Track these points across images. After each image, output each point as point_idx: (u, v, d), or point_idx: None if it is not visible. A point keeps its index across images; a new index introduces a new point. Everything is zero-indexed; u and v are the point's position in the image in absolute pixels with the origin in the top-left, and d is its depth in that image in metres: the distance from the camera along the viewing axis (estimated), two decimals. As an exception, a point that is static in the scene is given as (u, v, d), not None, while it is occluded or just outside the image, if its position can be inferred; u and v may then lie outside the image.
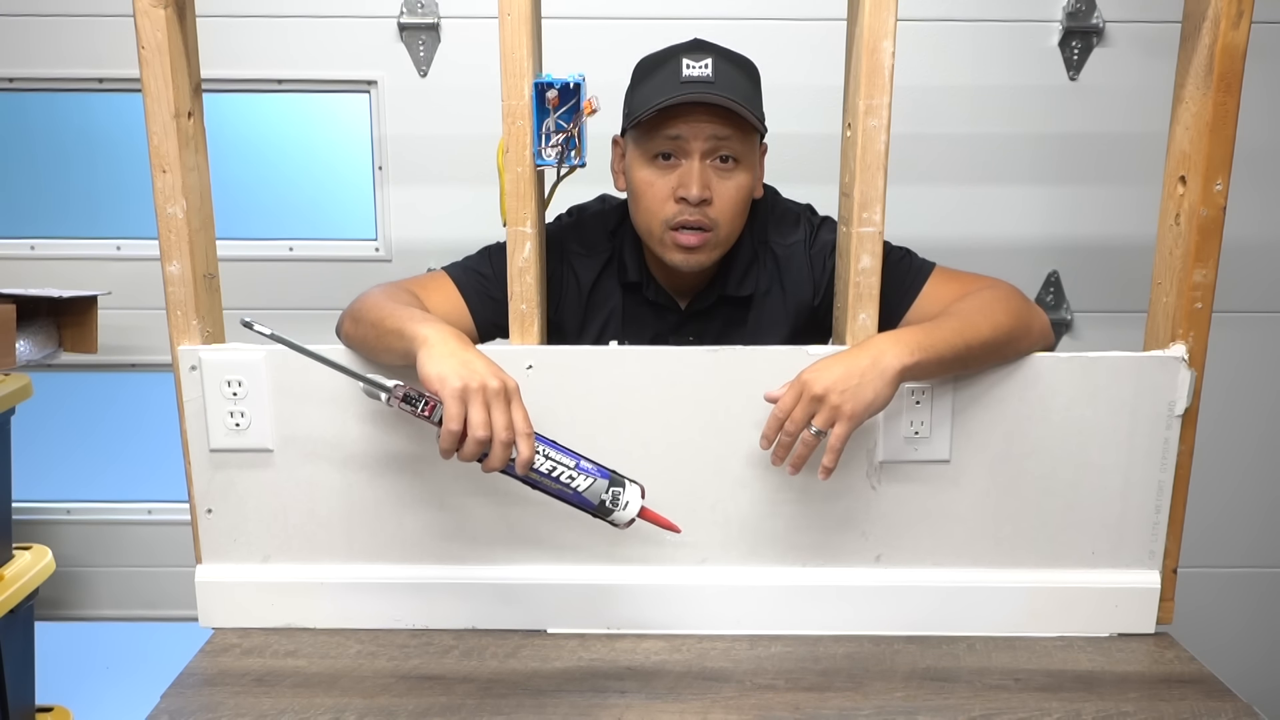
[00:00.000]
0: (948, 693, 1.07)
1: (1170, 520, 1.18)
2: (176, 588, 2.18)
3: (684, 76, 1.18)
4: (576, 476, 0.96)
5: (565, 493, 0.97)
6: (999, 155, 1.98)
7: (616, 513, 0.98)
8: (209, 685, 1.08)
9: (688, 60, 1.18)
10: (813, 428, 1.02)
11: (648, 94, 1.20)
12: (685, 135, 1.18)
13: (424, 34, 1.93)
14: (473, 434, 0.92)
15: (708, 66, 1.18)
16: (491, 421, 0.93)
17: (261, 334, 0.93)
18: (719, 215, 1.21)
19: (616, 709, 1.03)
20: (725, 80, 1.18)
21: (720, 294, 1.30)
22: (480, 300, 1.24)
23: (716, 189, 1.20)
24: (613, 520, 0.98)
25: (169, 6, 1.05)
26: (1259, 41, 1.21)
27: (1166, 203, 1.14)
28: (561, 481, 0.96)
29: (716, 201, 1.20)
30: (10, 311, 1.69)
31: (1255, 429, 2.13)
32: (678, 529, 1.01)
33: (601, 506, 0.97)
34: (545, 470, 0.96)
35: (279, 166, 2.06)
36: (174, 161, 1.08)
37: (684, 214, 1.20)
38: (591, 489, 0.97)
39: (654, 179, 1.21)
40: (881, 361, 1.02)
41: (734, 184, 1.21)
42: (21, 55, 1.95)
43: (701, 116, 1.17)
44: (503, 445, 0.93)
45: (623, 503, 0.97)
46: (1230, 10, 1.03)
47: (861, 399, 1.01)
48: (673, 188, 1.20)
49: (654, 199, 1.21)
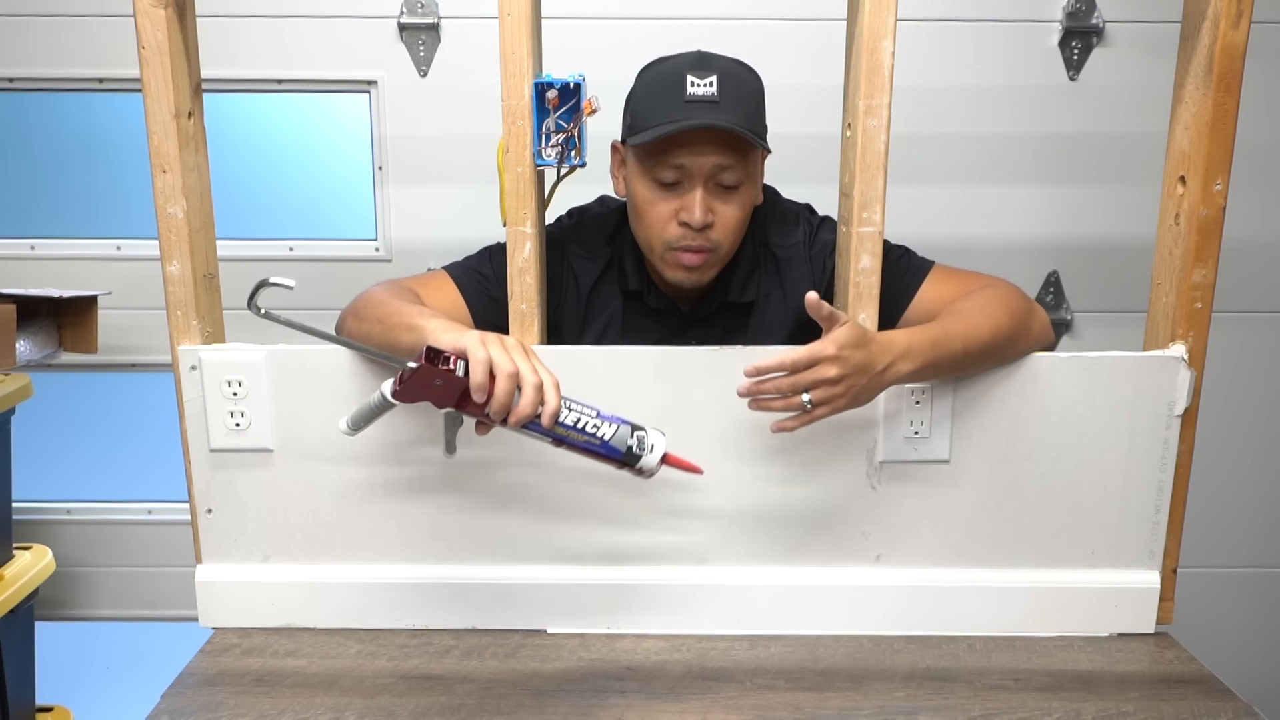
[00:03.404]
0: (948, 693, 1.07)
1: (1170, 520, 1.18)
2: (176, 588, 2.17)
3: (688, 95, 1.15)
4: (602, 425, 0.94)
5: (592, 444, 0.94)
6: (999, 155, 1.98)
7: (645, 458, 0.95)
8: (209, 685, 1.08)
9: (692, 77, 1.15)
10: (808, 397, 1.01)
11: (650, 110, 1.17)
12: (689, 165, 1.16)
13: (424, 34, 1.93)
14: (502, 369, 0.89)
15: (712, 85, 1.15)
16: (516, 362, 0.91)
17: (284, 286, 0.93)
18: (721, 236, 1.20)
19: (616, 709, 1.03)
20: (730, 99, 1.16)
21: (722, 300, 1.30)
22: (480, 300, 1.24)
23: (719, 211, 1.19)
24: (640, 468, 0.96)
25: (169, 6, 1.05)
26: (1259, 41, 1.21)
27: (1166, 203, 1.14)
28: (588, 432, 0.94)
29: (718, 224, 1.20)
30: (10, 311, 1.69)
31: (1255, 429, 2.13)
32: (700, 470, 0.99)
33: (629, 453, 0.95)
34: (571, 422, 0.93)
35: (279, 166, 2.06)
36: (174, 161, 1.08)
37: (686, 238, 1.19)
38: (617, 436, 0.94)
39: (656, 199, 1.20)
40: (890, 370, 1.03)
41: (736, 204, 1.20)
42: (21, 55, 1.94)
43: (705, 144, 1.15)
44: (534, 387, 0.90)
45: (648, 445, 0.95)
46: (1230, 10, 1.03)
47: (859, 400, 1.02)
48: (675, 209, 1.19)
49: (655, 219, 1.20)
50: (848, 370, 1.00)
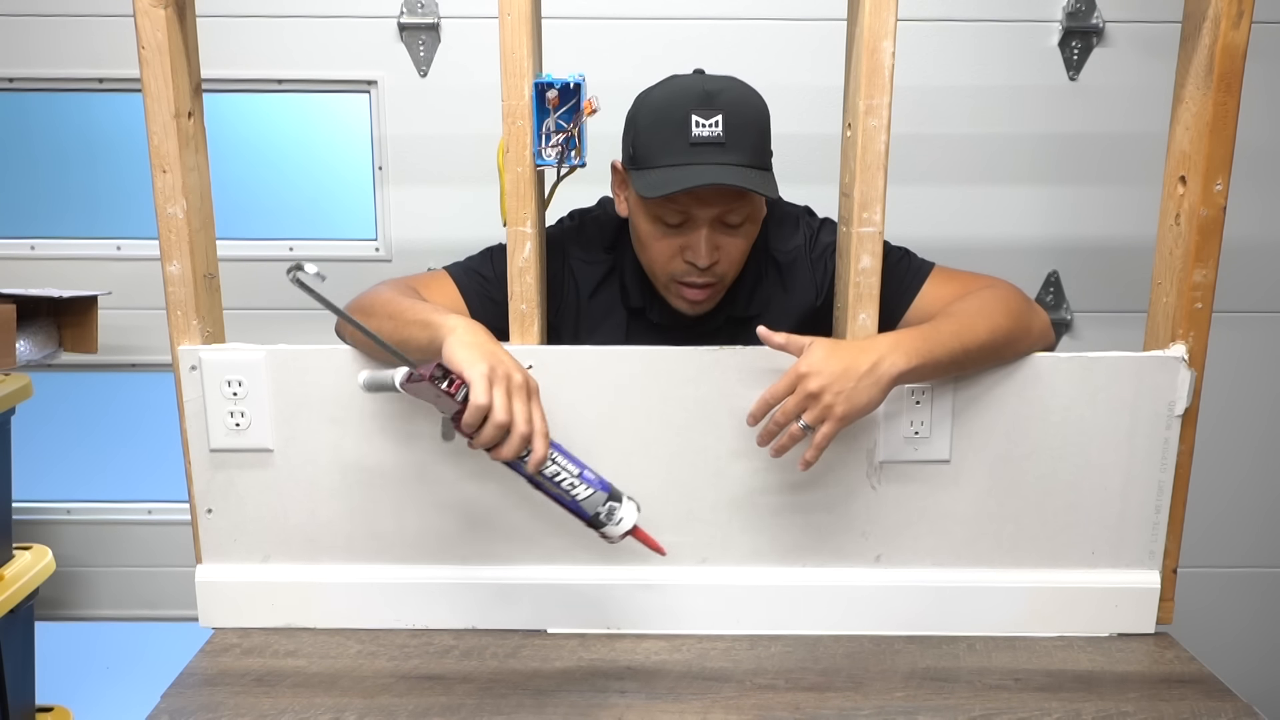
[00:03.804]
0: (948, 693, 1.07)
1: (1170, 520, 1.18)
2: (176, 588, 2.17)
3: (693, 137, 1.13)
4: (578, 485, 0.97)
5: (564, 498, 0.98)
6: (999, 155, 1.98)
7: (609, 527, 0.99)
8: (209, 685, 1.08)
9: (697, 117, 1.13)
10: (801, 421, 1.02)
11: (653, 149, 1.15)
12: (694, 212, 1.15)
13: (424, 34, 1.93)
14: (494, 417, 0.92)
15: (718, 125, 1.13)
16: (513, 410, 0.93)
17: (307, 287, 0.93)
18: (726, 269, 1.20)
19: (616, 709, 1.03)
20: (735, 138, 1.14)
21: (728, 315, 1.29)
22: (481, 302, 1.24)
23: (724, 246, 1.19)
24: (604, 533, 1.00)
25: (169, 6, 1.05)
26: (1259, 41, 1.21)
27: (1166, 203, 1.14)
28: (563, 487, 0.97)
29: (723, 259, 1.19)
30: (10, 311, 1.69)
31: (1255, 429, 2.13)
32: (664, 551, 1.01)
33: (595, 518, 0.98)
34: (550, 474, 0.97)
35: (279, 166, 2.06)
36: (174, 161, 1.08)
37: (691, 274, 1.19)
38: (590, 500, 0.97)
39: (660, 235, 1.19)
40: (880, 367, 1.02)
41: (741, 238, 1.20)
42: (21, 55, 1.95)
43: (712, 194, 1.13)
44: (521, 437, 0.93)
45: (616, 518, 0.98)
46: (1230, 10, 1.03)
47: (855, 403, 1.01)
48: (679, 247, 1.18)
49: (659, 253, 1.20)
50: (827, 380, 1.00)
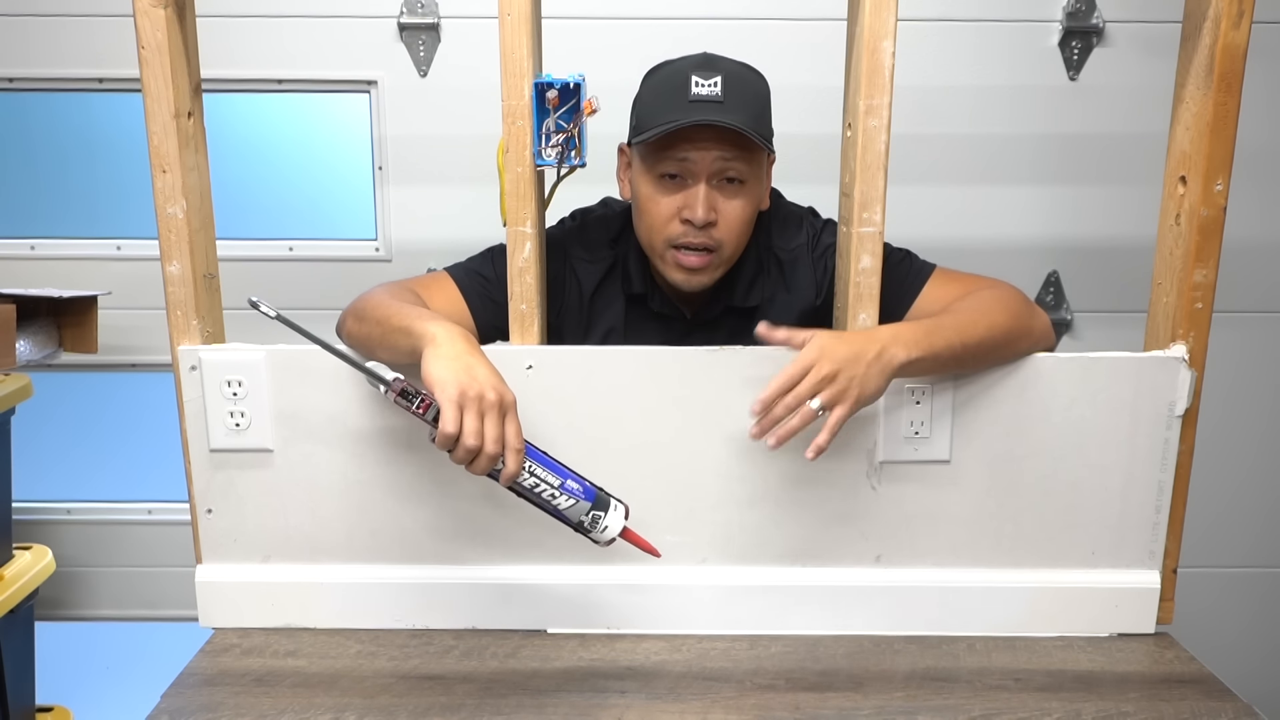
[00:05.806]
0: (948, 693, 1.07)
1: (1170, 520, 1.18)
2: (176, 588, 2.17)
3: (693, 95, 1.15)
4: (559, 495, 0.98)
5: (546, 507, 0.99)
6: (999, 155, 1.98)
7: (595, 533, 0.99)
8: (209, 685, 1.08)
9: (697, 78, 1.16)
10: (815, 402, 1.02)
11: (655, 111, 1.18)
12: (692, 158, 1.17)
13: (424, 34, 1.93)
14: (463, 441, 0.94)
15: (717, 85, 1.16)
16: (483, 432, 0.94)
17: (266, 314, 0.94)
18: (723, 236, 1.20)
19: (616, 709, 1.03)
20: (734, 99, 1.16)
21: (727, 305, 1.29)
22: (481, 303, 1.24)
23: (722, 210, 1.19)
24: (592, 539, 1.00)
25: (169, 6, 1.05)
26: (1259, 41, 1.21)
27: (1167, 203, 1.14)
28: (544, 498, 0.98)
29: (721, 222, 1.20)
30: (10, 311, 1.69)
31: (1255, 429, 2.13)
32: (658, 553, 1.01)
33: (580, 526, 0.99)
34: (529, 485, 0.98)
35: (279, 166, 2.06)
36: (174, 161, 1.08)
37: (688, 235, 1.19)
38: (572, 509, 0.98)
39: (659, 196, 1.20)
40: (885, 354, 1.03)
41: (740, 203, 1.20)
42: (21, 55, 1.95)
43: (709, 140, 1.16)
44: (488, 458, 0.95)
45: (601, 526, 0.99)
46: (1231, 10, 1.03)
47: (866, 388, 1.02)
48: (678, 207, 1.19)
49: (658, 216, 1.21)
50: (839, 364, 1.01)
